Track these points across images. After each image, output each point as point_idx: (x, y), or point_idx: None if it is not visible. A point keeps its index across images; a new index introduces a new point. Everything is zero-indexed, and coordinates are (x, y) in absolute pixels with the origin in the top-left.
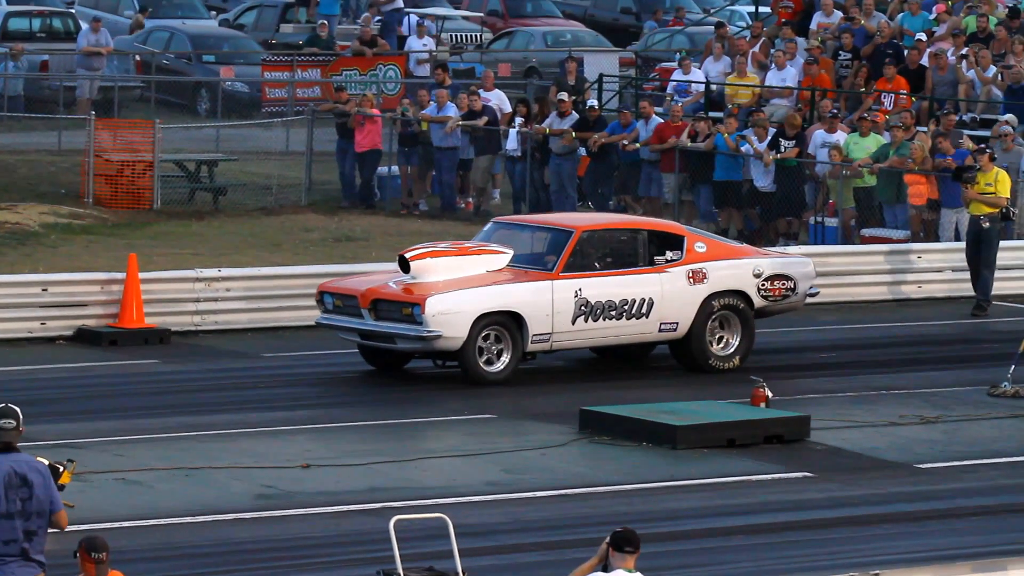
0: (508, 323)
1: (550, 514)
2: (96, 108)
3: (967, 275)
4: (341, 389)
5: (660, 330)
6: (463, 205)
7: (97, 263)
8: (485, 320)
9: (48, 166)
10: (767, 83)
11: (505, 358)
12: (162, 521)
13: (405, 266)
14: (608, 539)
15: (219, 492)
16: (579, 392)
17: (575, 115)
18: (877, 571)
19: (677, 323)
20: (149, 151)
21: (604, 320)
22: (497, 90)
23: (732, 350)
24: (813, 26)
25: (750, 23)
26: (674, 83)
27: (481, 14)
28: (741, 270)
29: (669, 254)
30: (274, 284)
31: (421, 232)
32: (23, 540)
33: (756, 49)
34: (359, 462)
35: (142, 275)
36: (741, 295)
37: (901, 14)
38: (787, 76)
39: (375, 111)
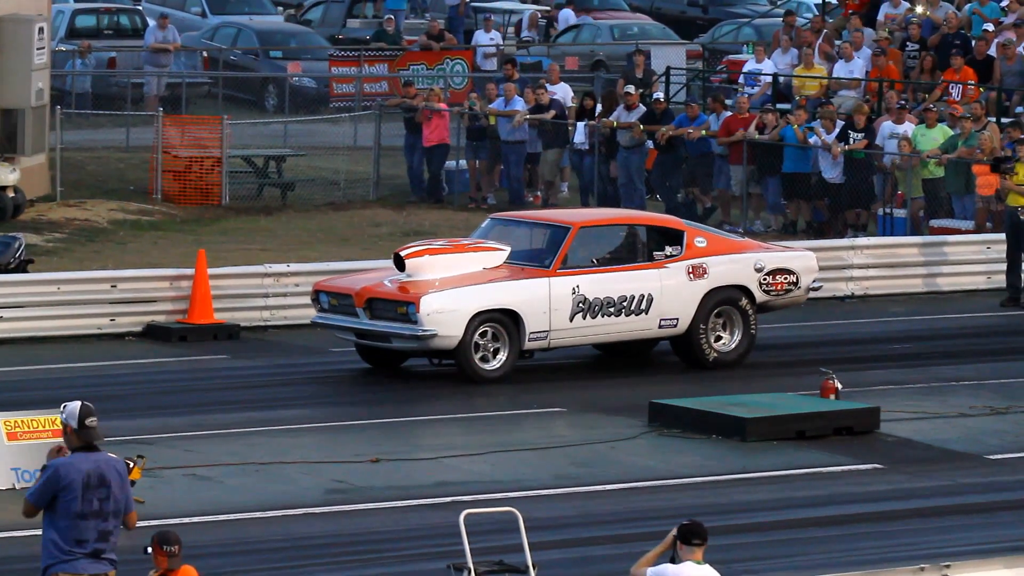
0: (505, 321)
1: (620, 507)
2: (164, 105)
3: None
4: (409, 384)
5: (660, 326)
6: (531, 199)
7: (166, 259)
8: (481, 318)
9: (116, 163)
10: (834, 74)
11: (502, 356)
12: (232, 516)
13: (400, 264)
14: (675, 531)
15: (289, 487)
16: (648, 385)
17: (642, 108)
18: (948, 563)
19: (677, 319)
20: (217, 147)
21: (603, 317)
22: (563, 83)
23: (734, 346)
24: (880, 17)
25: (815, 15)
26: (744, 74)
27: (548, 8)
28: (742, 265)
29: (668, 249)
30: None
31: None
32: (96, 540)
33: (821, 41)
34: (428, 456)
35: (211, 271)
36: (742, 290)
37: (969, 4)
38: (854, 67)
39: (442, 105)
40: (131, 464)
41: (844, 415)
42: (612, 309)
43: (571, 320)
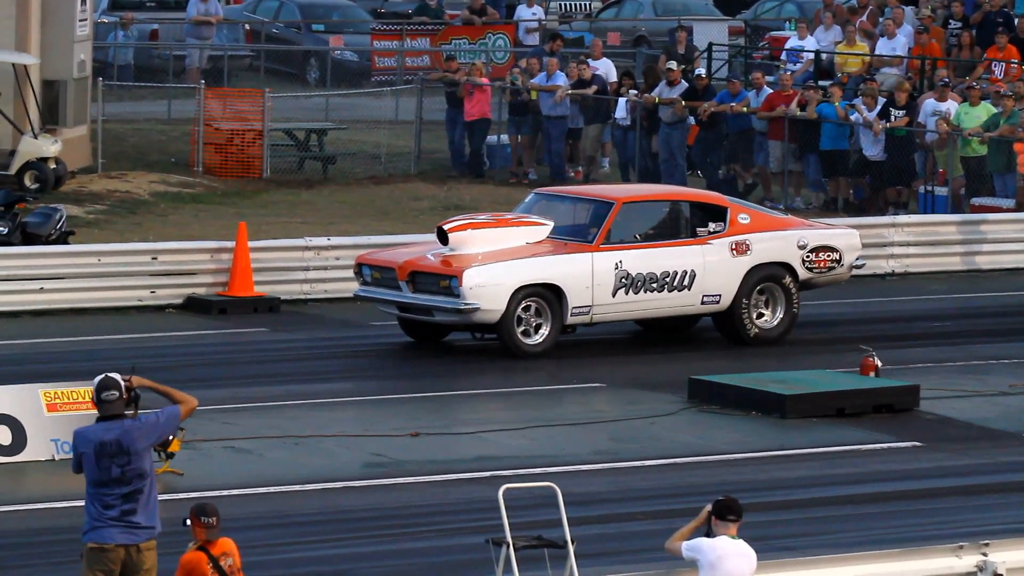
0: (547, 295)
1: (659, 483)
2: (206, 77)
3: None
4: (449, 358)
5: (703, 302)
6: (572, 174)
7: (207, 232)
8: (523, 292)
9: (158, 135)
10: (877, 52)
11: (544, 331)
12: (271, 489)
13: (443, 238)
14: (710, 507)
15: (328, 460)
16: (687, 361)
17: (684, 84)
18: (987, 540)
19: (720, 295)
20: (259, 120)
21: (645, 292)
22: (605, 59)
23: (776, 323)
24: None
25: None
26: (787, 50)
27: None
28: (785, 242)
29: (712, 226)
30: None
31: None
32: (122, 504)
33: (864, 18)
34: (468, 431)
35: (252, 244)
36: (785, 267)
37: None
38: (897, 45)
39: (484, 80)
40: (171, 436)
41: (884, 393)
42: (655, 285)
43: (614, 295)
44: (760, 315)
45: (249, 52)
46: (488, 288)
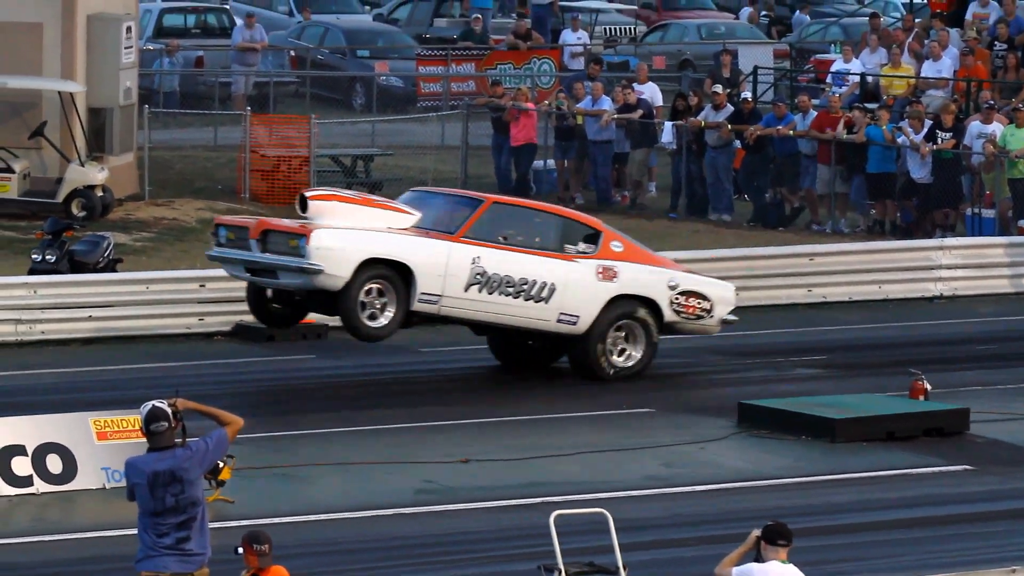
0: (395, 277)
1: (709, 508)
2: (251, 104)
3: None
4: (498, 383)
5: (559, 320)
6: (619, 198)
7: None
8: (372, 269)
9: (204, 162)
10: (922, 74)
11: (389, 313)
12: (322, 516)
13: (304, 204)
14: (758, 532)
15: (378, 487)
16: (737, 386)
17: (730, 108)
18: None
19: (578, 317)
20: (305, 146)
21: (500, 295)
22: (651, 83)
23: (633, 361)
24: (968, 16)
25: (904, 14)
26: (832, 73)
27: (635, 7)
28: (655, 277)
29: (582, 246)
30: None
31: None
32: (176, 532)
33: (910, 40)
34: (518, 457)
35: None
36: (650, 303)
37: None
38: (942, 67)
39: (530, 105)
40: (221, 464)
41: (933, 416)
42: (511, 289)
43: (466, 290)
44: (620, 351)
45: (294, 78)
46: (335, 251)
